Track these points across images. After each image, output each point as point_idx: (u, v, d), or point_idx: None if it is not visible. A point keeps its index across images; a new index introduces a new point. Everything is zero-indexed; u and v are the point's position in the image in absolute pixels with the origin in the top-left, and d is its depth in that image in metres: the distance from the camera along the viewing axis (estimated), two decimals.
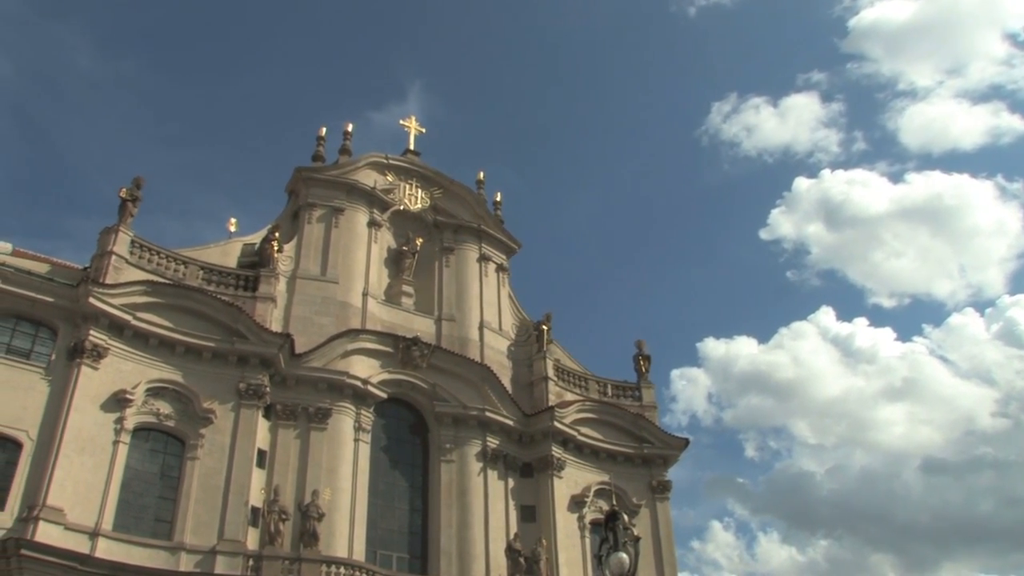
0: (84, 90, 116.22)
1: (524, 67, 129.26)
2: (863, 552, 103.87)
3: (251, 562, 35.55)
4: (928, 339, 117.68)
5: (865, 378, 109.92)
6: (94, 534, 33.28)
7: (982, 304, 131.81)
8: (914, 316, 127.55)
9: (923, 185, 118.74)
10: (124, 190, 40.31)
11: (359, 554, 38.40)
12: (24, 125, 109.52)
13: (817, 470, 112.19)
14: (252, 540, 36.28)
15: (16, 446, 34.00)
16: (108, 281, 37.49)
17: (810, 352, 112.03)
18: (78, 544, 32.59)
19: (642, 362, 50.89)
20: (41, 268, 37.76)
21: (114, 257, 38.49)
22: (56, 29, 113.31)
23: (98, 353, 36.34)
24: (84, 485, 33.95)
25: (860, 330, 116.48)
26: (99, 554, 32.93)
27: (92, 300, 36.44)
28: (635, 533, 19.98)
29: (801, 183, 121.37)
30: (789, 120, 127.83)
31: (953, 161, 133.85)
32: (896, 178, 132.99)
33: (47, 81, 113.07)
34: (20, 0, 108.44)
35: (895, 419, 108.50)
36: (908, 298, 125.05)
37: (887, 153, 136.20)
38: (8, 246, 38.41)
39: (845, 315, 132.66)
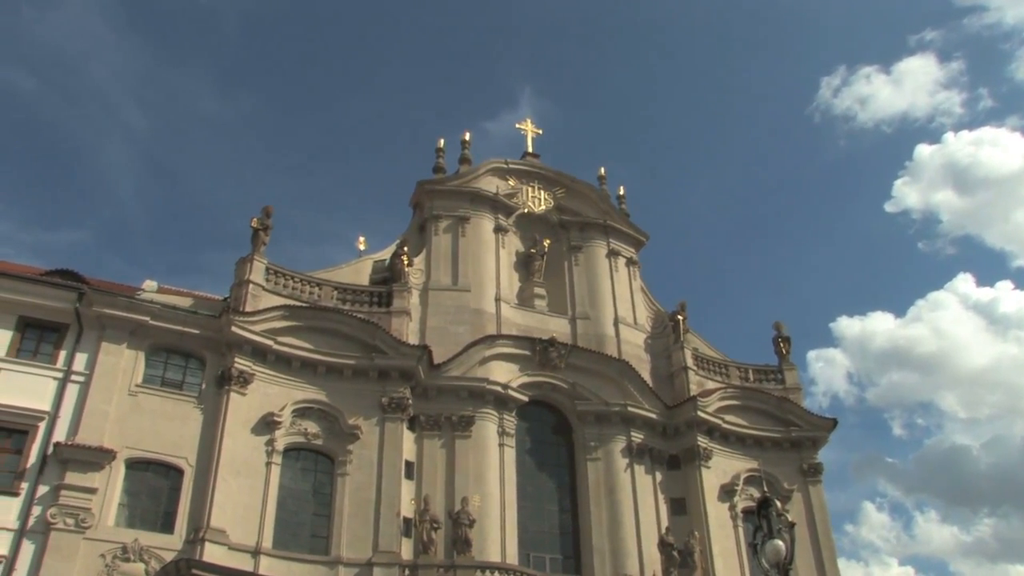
0: (208, 130, 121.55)
1: (630, 60, 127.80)
2: None
3: (407, 572, 36.11)
4: None
5: (1017, 344, 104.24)
6: (256, 552, 34.46)
7: None
8: None
9: None
10: (255, 220, 41.46)
11: (512, 558, 38.56)
12: (158, 172, 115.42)
13: (972, 444, 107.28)
14: (406, 550, 36.88)
15: (178, 473, 35.54)
16: (248, 309, 38.72)
17: (952, 322, 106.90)
18: (242, 563, 33.74)
19: (782, 344, 49.62)
20: (185, 302, 39.28)
21: (251, 285, 39.67)
22: (178, 77, 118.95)
23: (244, 379, 37.53)
24: (243, 506, 35.19)
25: (1004, 295, 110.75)
26: (262, 571, 34.03)
27: (234, 328, 37.68)
28: (789, 519, 19.36)
29: (923, 150, 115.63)
30: (905, 86, 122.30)
31: None
32: None
33: (174, 127, 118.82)
34: (145, 53, 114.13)
35: None
36: None
37: (1018, 107, 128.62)
38: (154, 284, 40.09)
39: (986, 280, 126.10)
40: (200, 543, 33.25)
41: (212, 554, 33.06)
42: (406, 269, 44.17)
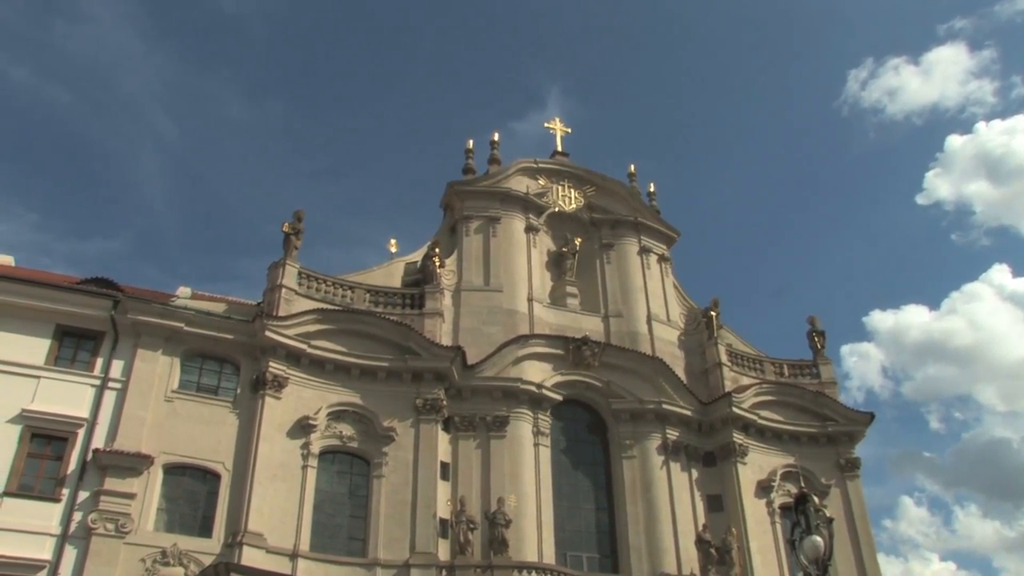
0: (238, 137, 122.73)
1: (657, 57, 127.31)
2: None
3: (444, 573, 36.18)
4: None
5: None
6: (293, 555, 34.65)
7: None
8: None
9: None
10: (286, 224, 41.57)
11: (549, 557, 38.50)
12: (190, 179, 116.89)
13: (1012, 437, 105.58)
14: (443, 551, 36.92)
15: (215, 477, 35.84)
16: (281, 313, 38.91)
17: (988, 314, 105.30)
18: (280, 566, 33.91)
19: (816, 338, 49.17)
20: (218, 308, 39.53)
21: (284, 290, 39.84)
22: (206, 85, 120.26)
23: (279, 383, 37.74)
24: (279, 510, 35.39)
25: None
26: (300, 574, 34.33)
27: (268, 333, 37.89)
28: (827, 514, 19.19)
29: (954, 141, 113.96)
30: (934, 76, 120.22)
31: None
32: None
33: (204, 135, 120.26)
34: (174, 63, 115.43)
35: None
36: None
37: None
38: (187, 290, 40.37)
39: (1023, 271, 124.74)
40: (238, 547, 33.47)
41: (250, 558, 33.26)
42: (438, 270, 44.20)
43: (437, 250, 45.02)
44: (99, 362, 36.79)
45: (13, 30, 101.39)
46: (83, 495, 33.57)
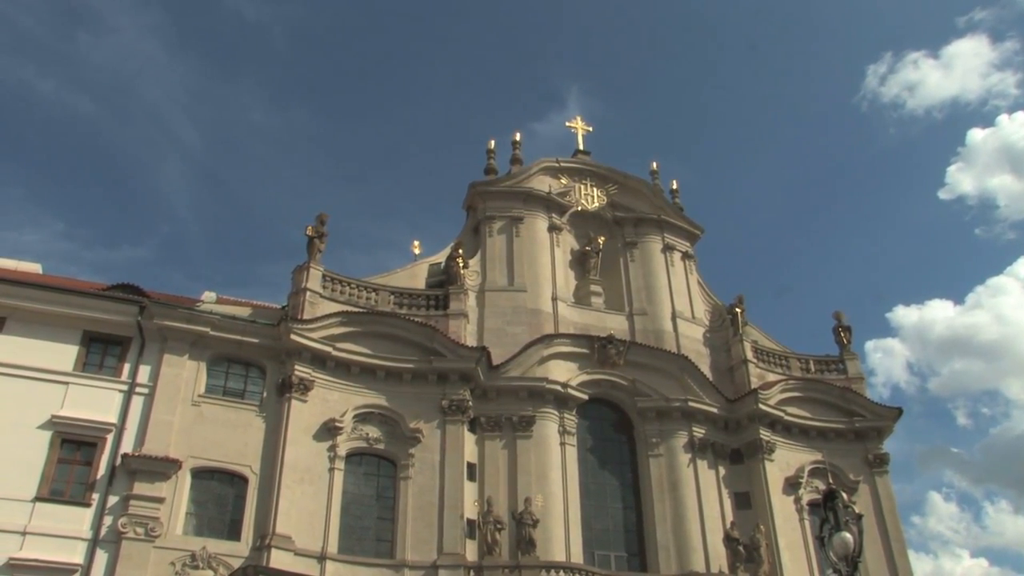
0: (260, 143, 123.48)
1: (676, 55, 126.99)
2: None
3: (472, 573, 36.21)
4: None
5: None
6: (321, 558, 34.80)
7: None
8: None
9: None
10: (310, 228, 41.79)
11: (577, 556, 38.41)
12: (215, 185, 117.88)
13: None
14: (471, 552, 36.93)
15: (243, 481, 36.00)
16: (306, 316, 39.02)
17: (1014, 307, 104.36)
18: (308, 568, 34.01)
19: (843, 334, 48.89)
20: (243, 312, 39.67)
21: (308, 293, 39.97)
22: (229, 92, 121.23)
23: (305, 386, 37.86)
24: (307, 512, 35.53)
25: None
26: None
27: (293, 336, 38.01)
28: (856, 511, 19.01)
29: (976, 134, 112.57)
30: (955, 69, 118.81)
31: None
32: None
33: (227, 142, 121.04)
34: (197, 71, 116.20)
35: None
36: None
37: None
38: (213, 295, 40.67)
39: None
40: (266, 550, 33.65)
41: (279, 560, 33.40)
42: (462, 271, 44.20)
43: (460, 251, 45.09)
44: (126, 367, 37.07)
45: (40, 43, 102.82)
46: (113, 499, 33.83)
